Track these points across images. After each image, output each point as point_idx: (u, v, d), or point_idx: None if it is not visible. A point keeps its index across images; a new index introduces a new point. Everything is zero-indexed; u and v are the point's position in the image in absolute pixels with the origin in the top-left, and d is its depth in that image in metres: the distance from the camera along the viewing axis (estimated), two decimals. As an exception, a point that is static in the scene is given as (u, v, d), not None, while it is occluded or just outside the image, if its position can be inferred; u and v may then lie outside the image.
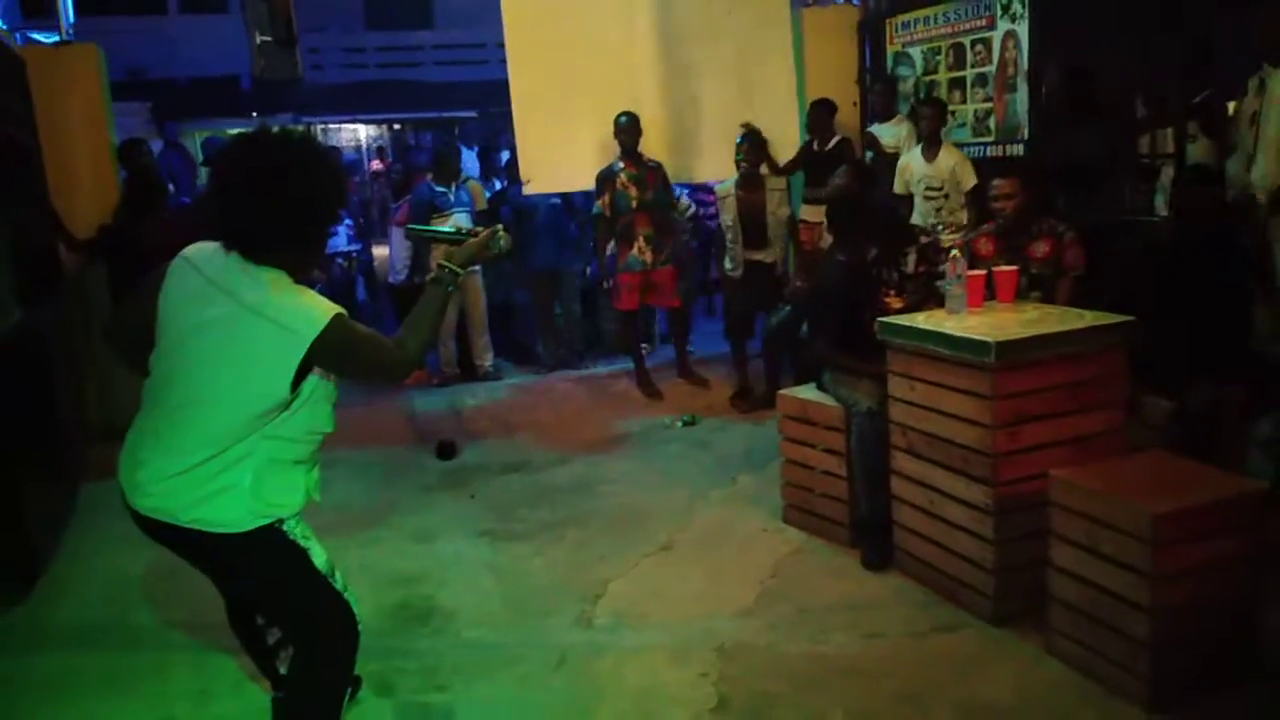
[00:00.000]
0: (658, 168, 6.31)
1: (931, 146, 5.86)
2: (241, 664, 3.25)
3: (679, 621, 3.48)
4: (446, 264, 2.40)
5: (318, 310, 2.20)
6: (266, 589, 2.40)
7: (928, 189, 5.86)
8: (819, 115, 6.53)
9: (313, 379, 2.25)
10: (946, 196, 5.78)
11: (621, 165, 6.19)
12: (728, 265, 6.18)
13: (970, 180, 5.69)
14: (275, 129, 2.31)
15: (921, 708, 2.89)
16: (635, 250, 6.20)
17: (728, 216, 6.08)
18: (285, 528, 2.31)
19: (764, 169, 6.13)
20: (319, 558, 2.37)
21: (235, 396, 2.20)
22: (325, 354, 2.20)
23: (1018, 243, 4.28)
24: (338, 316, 2.21)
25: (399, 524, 4.56)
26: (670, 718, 2.92)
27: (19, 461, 4.05)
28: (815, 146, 6.54)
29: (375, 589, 3.79)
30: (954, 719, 2.84)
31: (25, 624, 3.74)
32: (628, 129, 6.18)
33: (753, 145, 5.99)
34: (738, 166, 6.03)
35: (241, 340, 2.19)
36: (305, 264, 2.35)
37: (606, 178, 6.21)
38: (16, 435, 4.09)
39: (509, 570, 4.02)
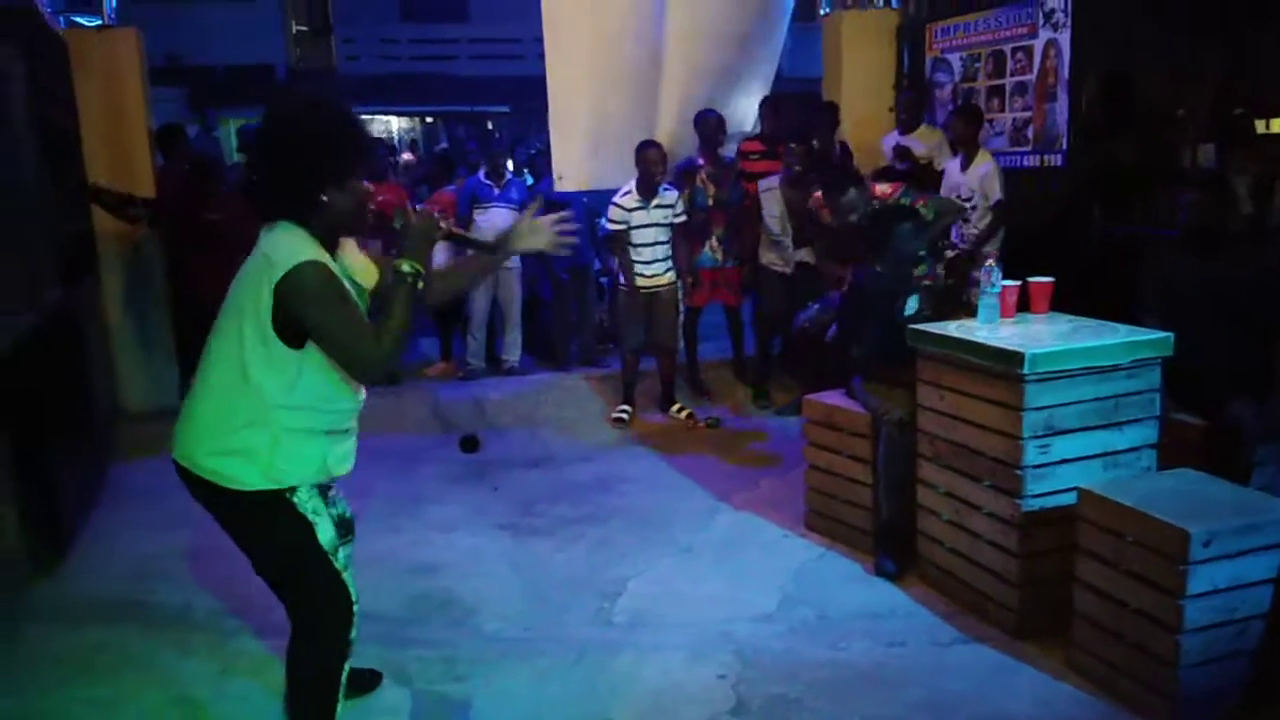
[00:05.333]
0: (731, 164, 6.29)
1: (967, 156, 5.79)
2: (260, 646, 3.28)
3: (698, 622, 3.47)
4: (399, 265, 2.35)
5: (302, 251, 2.25)
6: (266, 552, 2.43)
7: (959, 199, 5.79)
8: (826, 119, 6.50)
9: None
10: (975, 207, 5.72)
11: (701, 161, 6.17)
12: (774, 260, 6.09)
13: (995, 193, 5.61)
14: (281, 99, 2.42)
15: (941, 718, 2.87)
16: (708, 248, 6.17)
17: (775, 208, 6.00)
18: (295, 498, 2.34)
19: None
20: (324, 534, 2.38)
21: (232, 331, 2.28)
22: (295, 296, 2.21)
23: None
24: (319, 263, 2.25)
25: (421, 514, 4.58)
26: (687, 718, 2.92)
27: (51, 438, 4.10)
28: (818, 148, 6.49)
29: (396, 578, 3.81)
30: (973, 731, 2.82)
31: (51, 599, 3.78)
32: (715, 125, 6.15)
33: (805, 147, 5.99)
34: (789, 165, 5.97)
35: (245, 276, 2.30)
36: (332, 225, 2.36)
37: (686, 172, 6.13)
38: (49, 412, 4.14)
39: (529, 564, 4.02)
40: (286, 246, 2.26)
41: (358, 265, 2.48)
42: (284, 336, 2.25)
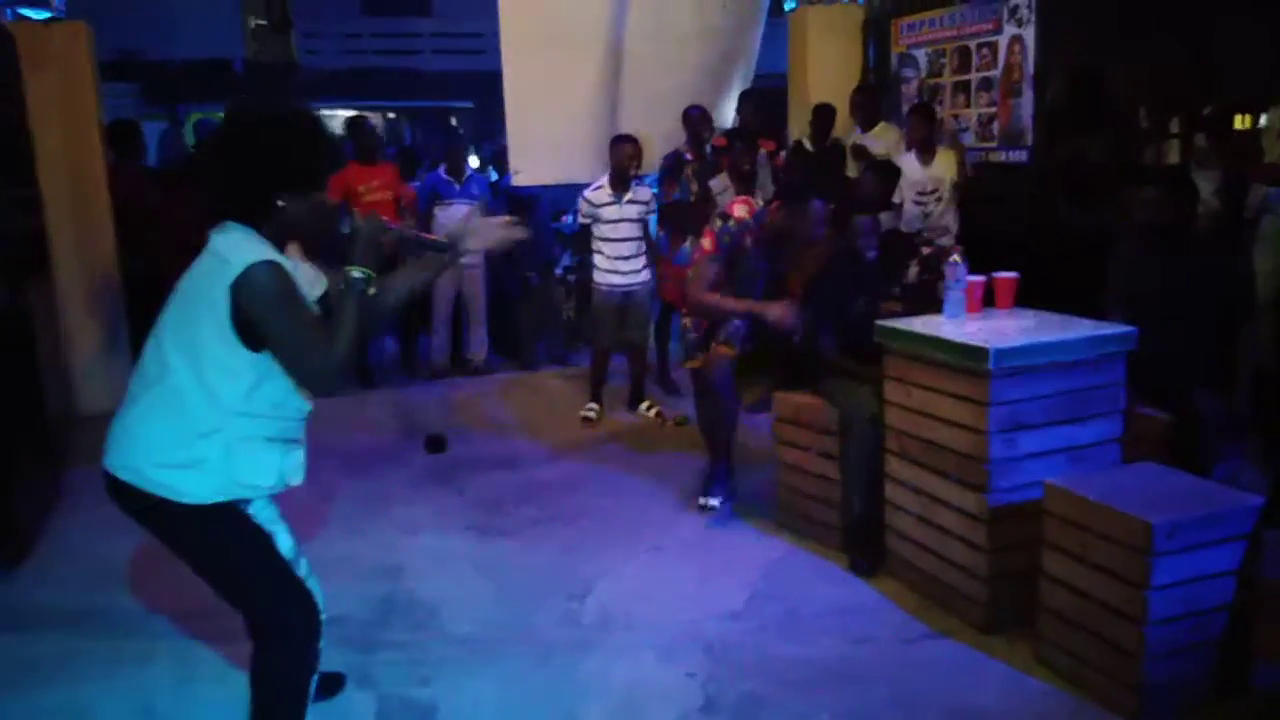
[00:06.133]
0: (716, 161, 6.27)
1: (925, 152, 5.85)
2: (223, 653, 3.22)
3: (667, 621, 3.44)
4: (348, 271, 2.28)
5: (256, 250, 2.18)
6: (223, 566, 2.34)
7: (918, 193, 5.84)
8: (823, 119, 6.51)
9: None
10: (939, 200, 5.77)
11: (689, 156, 6.12)
12: None
13: (958, 175, 5.69)
14: (239, 107, 2.33)
15: (910, 713, 2.87)
16: (688, 243, 6.14)
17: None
18: (250, 510, 2.28)
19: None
20: (284, 544, 2.33)
21: (185, 333, 2.19)
22: (251, 298, 2.13)
23: None
24: (274, 264, 2.17)
25: (386, 516, 4.51)
26: (657, 717, 2.90)
27: (3, 442, 4.00)
28: (809, 147, 6.52)
29: (360, 581, 3.75)
30: (942, 727, 2.82)
31: (6, 606, 3.69)
32: (698, 121, 6.11)
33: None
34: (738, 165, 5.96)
35: (196, 277, 2.22)
36: (284, 233, 2.30)
37: (676, 165, 6.08)
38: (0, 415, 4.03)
39: (496, 566, 3.98)
40: (240, 245, 2.19)
41: (305, 276, 2.38)
42: (245, 339, 2.17)
